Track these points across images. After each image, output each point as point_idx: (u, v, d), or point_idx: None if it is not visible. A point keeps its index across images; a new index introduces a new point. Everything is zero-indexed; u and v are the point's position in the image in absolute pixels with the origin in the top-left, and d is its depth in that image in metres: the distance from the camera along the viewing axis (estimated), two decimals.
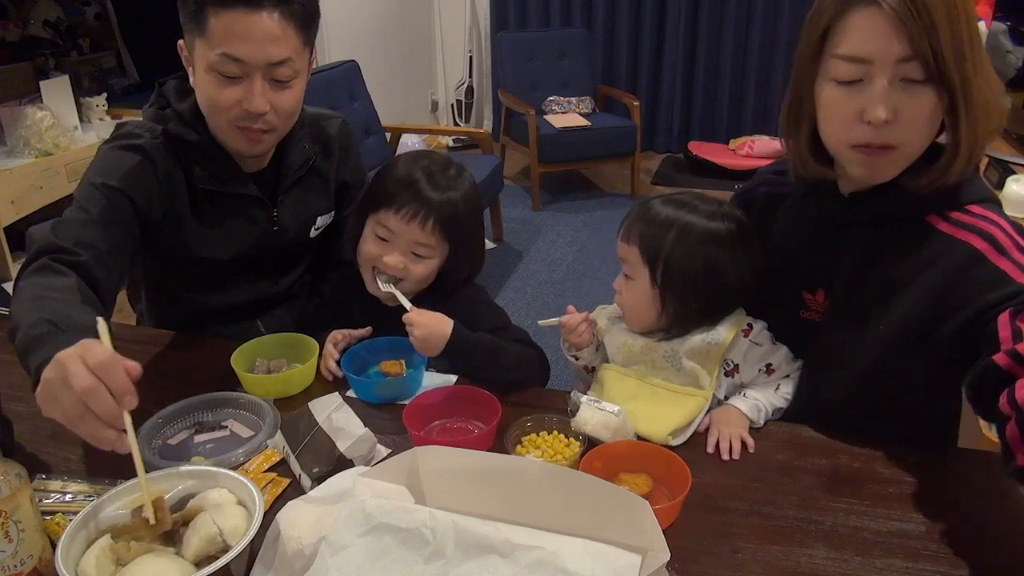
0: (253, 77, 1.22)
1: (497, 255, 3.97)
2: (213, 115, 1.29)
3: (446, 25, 5.68)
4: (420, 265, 1.28)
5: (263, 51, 1.20)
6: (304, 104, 1.39)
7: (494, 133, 5.18)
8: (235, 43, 1.19)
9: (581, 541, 0.71)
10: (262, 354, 1.30)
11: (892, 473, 1.04)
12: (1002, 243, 0.98)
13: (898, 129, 0.97)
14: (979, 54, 0.95)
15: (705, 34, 5.22)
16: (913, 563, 0.89)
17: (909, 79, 0.94)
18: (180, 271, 1.45)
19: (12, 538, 0.80)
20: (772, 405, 1.15)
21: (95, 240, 1.19)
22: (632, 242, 1.16)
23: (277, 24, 1.20)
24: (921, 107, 0.95)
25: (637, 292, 1.17)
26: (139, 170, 1.29)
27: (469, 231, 1.31)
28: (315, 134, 1.49)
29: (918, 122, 0.96)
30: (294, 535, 0.81)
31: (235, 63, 1.21)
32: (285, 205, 1.45)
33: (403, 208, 1.24)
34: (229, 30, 1.19)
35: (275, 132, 1.31)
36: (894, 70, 0.94)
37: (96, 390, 0.82)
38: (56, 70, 3.88)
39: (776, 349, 1.18)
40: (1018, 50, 2.98)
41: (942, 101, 0.95)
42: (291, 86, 1.27)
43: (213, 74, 1.23)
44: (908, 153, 1.00)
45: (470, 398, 1.17)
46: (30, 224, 1.22)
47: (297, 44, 1.24)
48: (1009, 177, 2.20)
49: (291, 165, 1.43)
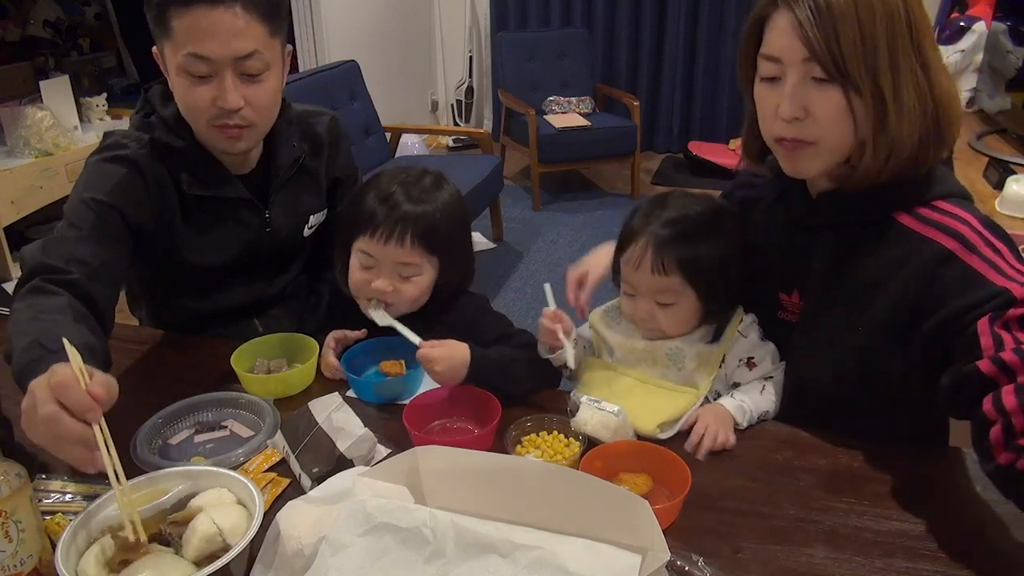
0: (223, 74, 1.21)
1: (497, 255, 3.97)
2: (191, 117, 1.29)
3: (446, 25, 5.68)
4: (409, 285, 1.24)
5: (228, 46, 1.19)
6: (301, 103, 1.38)
7: (494, 133, 5.18)
8: (199, 41, 1.18)
9: (581, 541, 0.71)
10: (262, 354, 1.30)
11: (892, 473, 1.04)
12: (971, 240, 0.98)
13: (811, 125, 1.00)
14: (900, 53, 0.96)
15: (705, 34, 5.22)
16: (913, 563, 0.89)
17: (816, 78, 0.97)
18: (174, 278, 1.45)
19: (12, 538, 0.80)
20: (758, 408, 1.14)
21: (86, 256, 1.18)
22: (671, 272, 1.13)
23: (240, 17, 1.19)
24: (828, 104, 0.98)
25: (681, 314, 1.16)
26: (127, 182, 1.28)
27: (452, 241, 1.26)
28: (304, 132, 1.48)
29: (828, 119, 0.99)
30: (294, 535, 0.81)
31: (202, 61, 1.20)
32: (276, 205, 1.44)
33: (378, 230, 1.21)
34: (192, 29, 1.18)
35: (255, 128, 1.30)
36: (802, 68, 0.98)
37: (55, 416, 0.84)
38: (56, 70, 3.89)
39: (762, 345, 1.18)
40: (1018, 50, 2.98)
41: (858, 100, 0.97)
42: (263, 79, 1.25)
43: (183, 76, 1.22)
44: (827, 148, 1.02)
45: (470, 398, 1.17)
46: (30, 224, 1.23)
47: (262, 35, 1.23)
48: (1009, 177, 2.20)
49: (281, 164, 1.42)
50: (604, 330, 1.26)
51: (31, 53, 3.94)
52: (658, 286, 1.15)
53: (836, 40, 0.94)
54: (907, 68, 0.96)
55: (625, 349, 1.21)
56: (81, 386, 0.85)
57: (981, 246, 0.98)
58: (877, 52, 0.95)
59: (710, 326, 1.19)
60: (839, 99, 0.97)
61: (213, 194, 1.36)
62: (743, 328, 1.18)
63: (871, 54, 0.95)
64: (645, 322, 1.18)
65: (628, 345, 1.21)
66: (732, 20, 5.13)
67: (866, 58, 0.95)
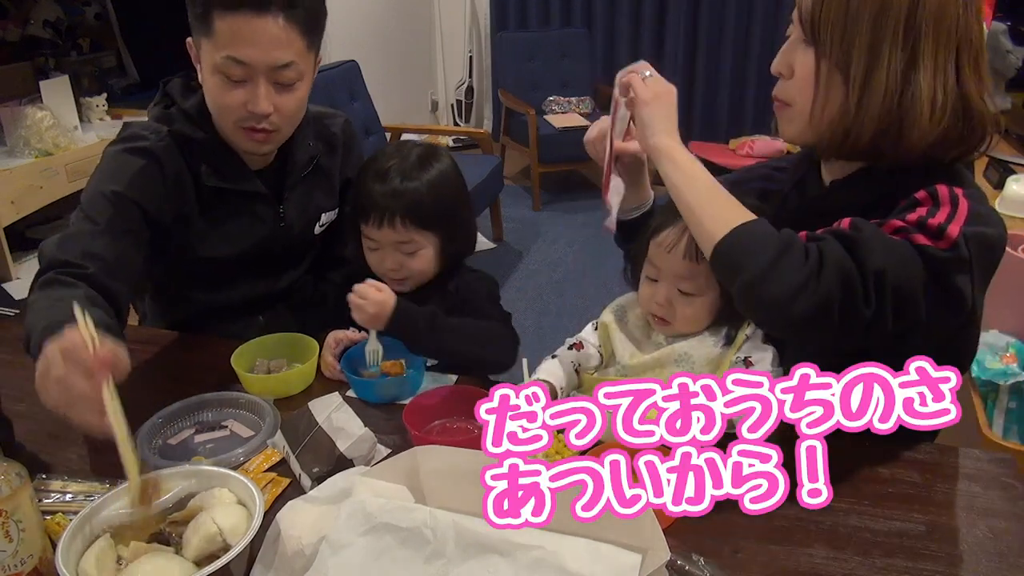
0: (257, 80, 1.23)
1: (497, 255, 3.97)
2: (219, 116, 1.31)
3: (446, 25, 5.68)
4: (415, 260, 1.31)
5: (267, 55, 1.21)
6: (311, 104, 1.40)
7: (494, 133, 5.18)
8: (240, 46, 1.20)
9: (581, 541, 0.71)
10: (262, 354, 1.30)
11: (892, 473, 1.04)
12: (940, 195, 0.96)
13: (790, 86, 1.05)
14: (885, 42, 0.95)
15: (705, 34, 5.21)
16: (913, 563, 0.89)
17: (802, 39, 1.02)
18: (185, 271, 1.45)
19: (12, 538, 0.80)
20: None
21: (102, 251, 1.19)
22: (702, 261, 1.09)
23: (282, 28, 1.21)
24: (802, 66, 1.02)
25: (698, 308, 1.14)
26: (147, 174, 1.29)
27: (445, 214, 1.31)
28: (319, 132, 1.50)
29: (802, 79, 1.02)
30: (294, 535, 0.81)
31: (240, 66, 1.22)
32: (291, 202, 1.46)
33: (370, 216, 1.27)
34: (234, 33, 1.20)
35: (279, 133, 1.33)
36: (797, 28, 1.02)
37: (64, 377, 0.87)
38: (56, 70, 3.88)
39: (763, 348, 1.16)
40: (1018, 50, 2.98)
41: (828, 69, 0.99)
42: (295, 89, 1.28)
43: (218, 76, 1.24)
44: (798, 112, 1.04)
45: (470, 398, 1.17)
46: (30, 224, 1.24)
47: (301, 48, 1.25)
48: (1009, 177, 2.20)
49: (297, 162, 1.44)
50: (614, 332, 1.23)
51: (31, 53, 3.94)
52: (686, 272, 1.13)
53: (820, 4, 0.97)
54: (888, 57, 0.96)
55: (632, 361, 1.18)
56: (89, 349, 0.87)
57: (944, 201, 0.95)
58: (858, 29, 0.96)
59: (720, 329, 1.16)
60: (811, 62, 1.00)
61: (230, 186, 1.37)
62: (749, 331, 1.16)
63: (851, 28, 0.96)
64: (660, 308, 1.16)
65: (635, 359, 1.18)
66: (732, 20, 5.12)
67: (845, 31, 0.96)
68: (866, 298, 0.89)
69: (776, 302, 0.90)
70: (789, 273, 0.89)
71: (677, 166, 1.03)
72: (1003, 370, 1.79)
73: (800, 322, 0.91)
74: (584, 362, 1.23)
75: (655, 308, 1.17)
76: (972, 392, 1.77)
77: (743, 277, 0.92)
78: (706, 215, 0.99)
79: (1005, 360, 1.81)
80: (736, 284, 0.94)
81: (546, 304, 3.45)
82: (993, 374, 1.79)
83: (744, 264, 0.92)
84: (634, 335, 1.22)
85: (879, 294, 0.89)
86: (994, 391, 1.81)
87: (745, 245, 0.94)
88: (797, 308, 0.89)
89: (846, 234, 0.93)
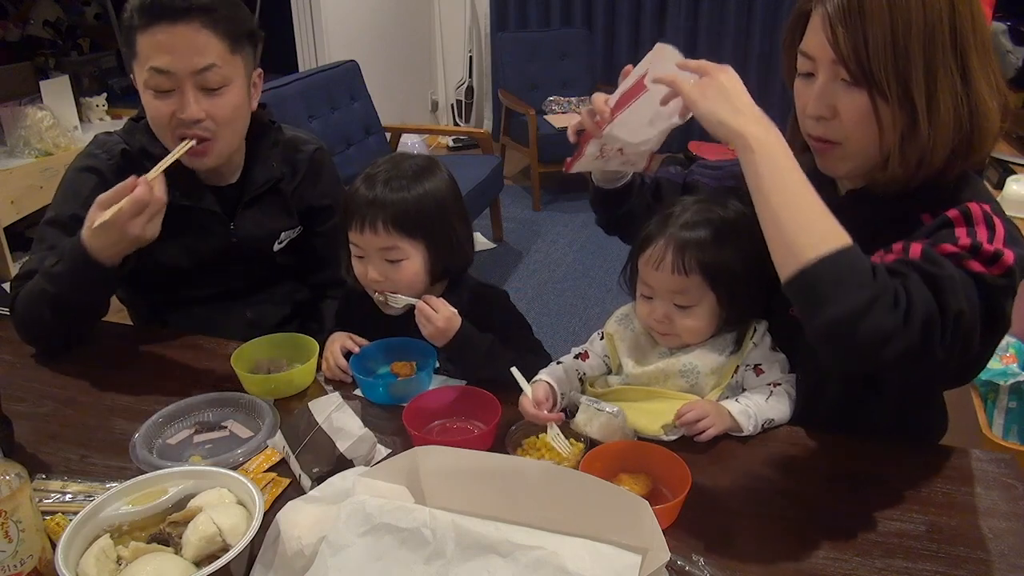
0: (184, 87, 1.28)
1: (497, 255, 3.97)
2: (158, 132, 1.36)
3: (446, 25, 5.68)
4: (398, 270, 1.26)
5: (186, 59, 1.26)
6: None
7: (494, 133, 5.18)
8: (160, 56, 1.26)
9: (581, 541, 0.71)
10: (262, 354, 1.30)
11: (892, 473, 1.04)
12: (973, 214, 0.94)
13: (837, 126, 0.99)
14: (939, 62, 0.92)
15: (705, 34, 5.21)
16: (913, 563, 0.89)
17: (845, 79, 0.96)
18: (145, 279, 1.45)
19: (12, 538, 0.80)
20: (762, 413, 1.11)
21: None
22: (692, 272, 1.10)
23: (199, 32, 1.27)
24: (854, 107, 0.96)
25: (698, 319, 1.13)
26: (97, 193, 1.27)
27: (433, 224, 1.26)
28: (287, 156, 1.53)
29: (854, 121, 0.97)
30: (294, 535, 0.81)
31: (163, 75, 1.27)
32: (244, 219, 1.48)
33: (355, 220, 1.26)
34: (155, 46, 1.26)
35: (218, 142, 1.34)
36: (831, 69, 0.96)
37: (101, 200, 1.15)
38: (56, 70, 3.88)
39: (772, 354, 1.16)
40: (1018, 50, 2.98)
41: (886, 105, 0.94)
42: (223, 93, 1.31)
43: (149, 92, 1.30)
44: (853, 151, 1.00)
45: (470, 398, 1.17)
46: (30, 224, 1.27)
47: (222, 51, 1.29)
48: (1009, 177, 2.20)
49: (253, 181, 1.48)
50: (619, 343, 1.22)
51: (31, 53, 3.94)
52: (678, 287, 1.12)
53: (864, 43, 0.91)
54: (945, 77, 0.92)
55: (637, 371, 1.18)
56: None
57: (979, 221, 0.94)
58: (910, 59, 0.91)
59: (726, 336, 1.16)
60: (864, 103, 0.95)
61: (182, 202, 1.38)
62: (756, 338, 1.16)
63: (903, 60, 0.91)
64: (661, 325, 1.15)
65: (640, 369, 1.18)
66: (731, 20, 5.13)
67: (896, 64, 0.91)
68: (942, 341, 0.86)
69: (864, 347, 0.84)
70: (881, 318, 0.83)
71: (769, 158, 0.90)
72: (1003, 370, 1.79)
73: (883, 366, 0.89)
74: (588, 372, 1.24)
75: (655, 325, 1.17)
76: (972, 392, 1.76)
77: (831, 312, 0.84)
78: (795, 226, 0.88)
79: (1005, 360, 1.81)
80: (819, 317, 0.85)
81: (546, 304, 3.45)
82: (993, 374, 1.79)
83: (835, 298, 0.84)
84: (639, 344, 1.21)
85: (955, 336, 0.87)
86: (994, 391, 1.82)
87: (840, 276, 0.84)
88: (885, 354, 0.84)
89: (929, 272, 0.88)
